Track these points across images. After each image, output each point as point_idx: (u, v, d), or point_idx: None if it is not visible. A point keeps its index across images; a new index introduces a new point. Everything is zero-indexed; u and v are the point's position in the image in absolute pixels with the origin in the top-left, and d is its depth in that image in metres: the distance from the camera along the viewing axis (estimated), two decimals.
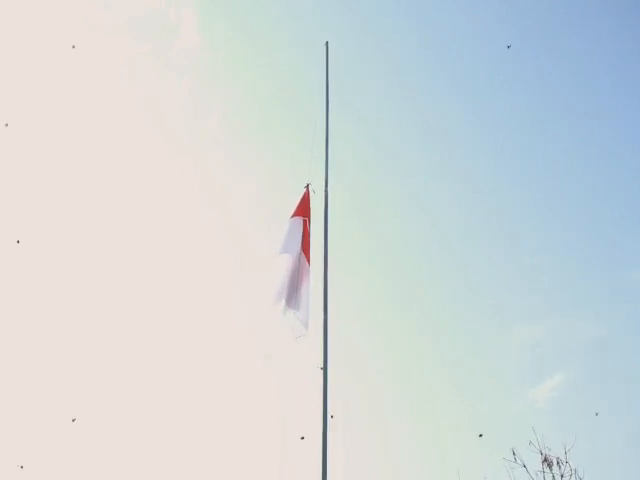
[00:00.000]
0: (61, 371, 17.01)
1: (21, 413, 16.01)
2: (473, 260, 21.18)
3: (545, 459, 9.59)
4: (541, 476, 9.54)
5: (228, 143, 21.53)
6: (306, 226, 9.87)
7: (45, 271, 19.09)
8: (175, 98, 21.73)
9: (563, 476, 9.49)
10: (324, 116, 10.51)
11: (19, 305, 18.00)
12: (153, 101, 21.95)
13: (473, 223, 22.35)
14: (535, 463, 9.67)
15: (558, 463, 9.55)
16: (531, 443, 9.60)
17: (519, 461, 9.73)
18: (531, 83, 22.44)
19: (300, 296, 9.50)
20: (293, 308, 9.42)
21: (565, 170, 22.09)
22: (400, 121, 22.34)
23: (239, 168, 21.31)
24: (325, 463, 8.93)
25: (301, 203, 10.04)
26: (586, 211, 21.89)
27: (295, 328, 9.34)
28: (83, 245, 19.80)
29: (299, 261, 9.63)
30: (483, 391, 17.17)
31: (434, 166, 22.91)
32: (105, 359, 17.36)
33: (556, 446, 9.66)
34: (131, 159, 21.31)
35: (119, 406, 16.39)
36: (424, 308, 20.25)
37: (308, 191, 10.11)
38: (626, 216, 21.06)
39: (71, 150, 20.98)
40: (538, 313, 19.39)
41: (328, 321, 9.53)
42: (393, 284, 20.67)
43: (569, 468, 9.52)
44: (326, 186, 10.20)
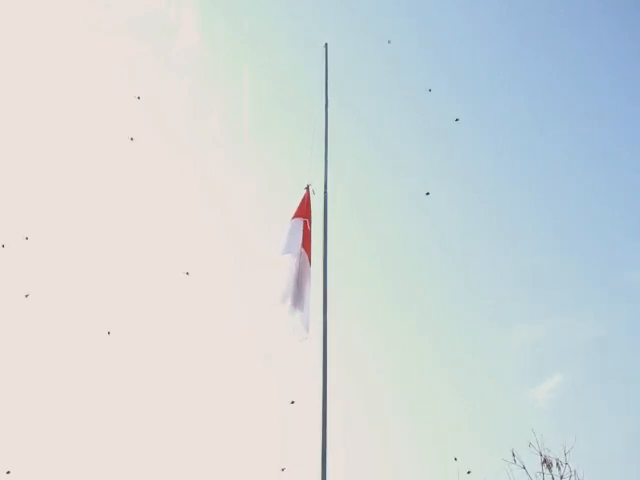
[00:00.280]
0: (61, 371, 17.02)
1: (21, 413, 16.02)
2: (473, 260, 21.19)
3: (545, 460, 9.58)
4: (541, 477, 9.53)
5: (228, 143, 21.53)
6: (306, 227, 9.88)
7: (45, 271, 19.10)
8: (175, 98, 21.73)
9: (563, 477, 9.48)
10: (324, 117, 10.51)
11: (19, 305, 18.00)
12: (153, 101, 21.94)
13: (473, 223, 22.36)
14: (535, 464, 9.67)
15: (558, 464, 9.54)
16: (531, 445, 9.60)
17: (519, 462, 9.72)
18: (531, 83, 22.45)
19: (304, 297, 9.53)
20: (299, 309, 9.46)
21: (565, 170, 22.10)
22: (400, 121, 22.33)
23: (239, 168, 21.31)
24: (325, 463, 8.93)
25: (301, 204, 10.05)
26: (586, 211, 21.91)
27: (299, 330, 9.36)
28: (83, 245, 19.80)
29: (301, 261, 9.66)
30: (483, 391, 17.17)
31: (434, 166, 22.90)
32: (105, 359, 17.36)
33: (556, 447, 9.66)
34: (131, 159, 21.31)
35: (119, 406, 16.40)
36: (424, 308, 20.26)
37: (308, 192, 10.12)
38: (626, 216, 21.08)
39: (71, 150, 20.99)
40: (538, 313, 19.41)
41: (328, 321, 9.53)
42: (393, 284, 20.67)
43: (569, 469, 9.52)
44: (325, 187, 10.21)
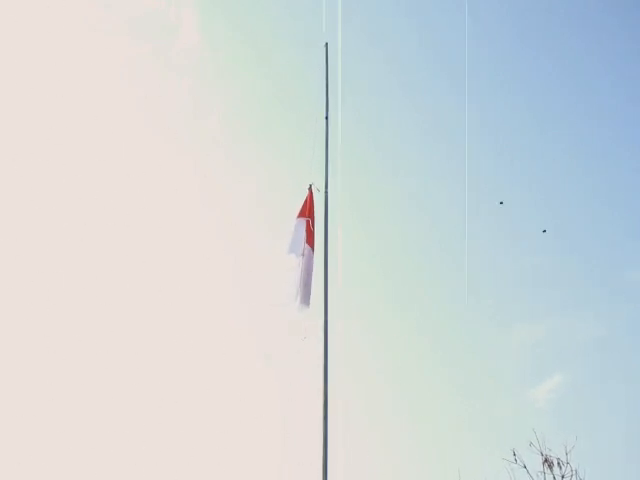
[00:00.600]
0: (61, 371, 17.01)
1: (21, 412, 16.01)
2: (473, 260, 21.15)
3: (546, 460, 9.56)
4: (542, 477, 9.52)
5: (228, 143, 21.52)
6: (309, 225, 9.95)
7: (46, 271, 19.10)
8: (175, 98, 21.72)
9: (564, 477, 9.46)
10: (324, 117, 10.51)
11: (19, 305, 18.00)
12: (153, 101, 21.94)
13: (473, 223, 22.33)
14: (536, 464, 9.65)
15: (559, 464, 9.52)
16: (532, 444, 9.58)
17: (519, 462, 9.70)
18: (531, 83, 22.43)
19: (310, 293, 9.67)
20: (306, 305, 9.58)
21: (565, 170, 22.08)
22: (400, 121, 22.34)
23: (239, 168, 21.29)
24: (325, 463, 8.92)
25: (304, 204, 10.12)
26: (586, 211, 21.89)
27: (305, 328, 9.49)
28: (83, 245, 19.80)
29: (306, 259, 9.76)
30: (483, 391, 17.15)
31: (434, 166, 22.89)
32: (105, 359, 17.36)
33: (556, 447, 9.64)
34: (131, 159, 21.31)
35: (119, 406, 16.39)
36: (424, 308, 20.24)
37: (311, 192, 10.18)
38: (626, 216, 21.06)
39: (71, 150, 20.99)
40: (538, 313, 19.38)
41: (328, 321, 9.54)
42: (393, 284, 20.66)
43: (570, 469, 9.50)
44: (326, 187, 10.22)
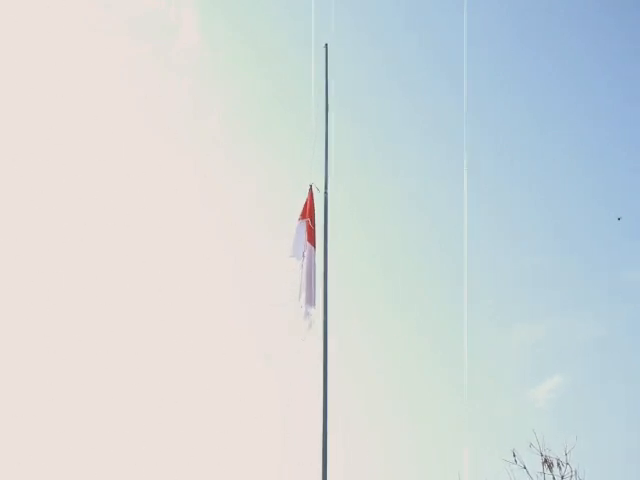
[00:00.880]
0: (61, 370, 17.02)
1: (21, 412, 16.02)
2: (473, 260, 21.16)
3: (545, 460, 9.55)
4: (542, 478, 9.51)
5: (228, 143, 21.52)
6: (309, 224, 9.99)
7: (46, 271, 19.10)
8: (175, 98, 21.72)
9: (564, 477, 9.46)
10: (324, 117, 10.52)
11: (19, 305, 18.01)
12: (153, 101, 21.94)
13: (473, 223, 22.33)
14: (535, 464, 9.65)
15: (559, 464, 9.52)
16: (531, 445, 9.57)
17: (519, 462, 9.69)
18: (531, 83, 22.42)
19: (314, 292, 9.71)
20: (311, 305, 9.63)
21: (565, 170, 22.08)
22: (400, 121, 22.33)
23: (239, 168, 21.29)
24: (325, 463, 8.93)
25: (305, 206, 10.16)
26: (586, 211, 21.88)
27: (310, 327, 9.55)
28: (83, 245, 19.80)
29: (308, 259, 9.80)
30: (483, 391, 17.15)
31: (434, 166, 22.89)
32: (106, 359, 17.36)
33: (556, 447, 9.63)
34: (131, 159, 21.32)
35: (119, 406, 16.39)
36: (424, 308, 20.24)
37: (311, 192, 10.21)
38: (625, 216, 21.04)
39: (71, 150, 20.99)
40: (538, 313, 19.39)
41: (328, 321, 9.55)
42: (393, 284, 20.66)
43: (570, 469, 9.49)
44: (326, 187, 10.23)
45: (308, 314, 9.64)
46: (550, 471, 9.54)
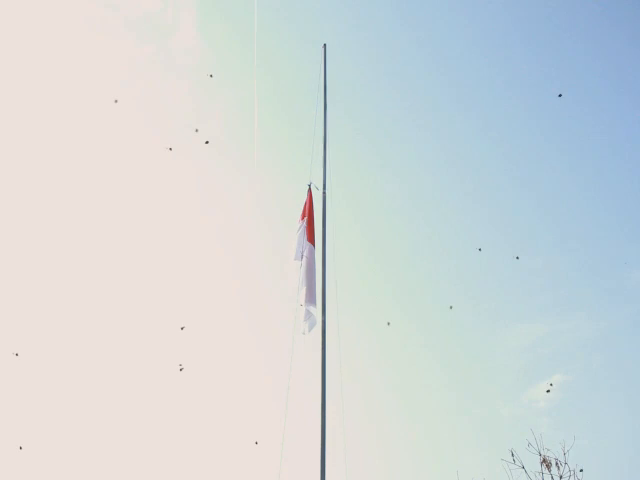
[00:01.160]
0: (61, 370, 17.03)
1: (22, 412, 16.03)
2: (473, 260, 21.20)
3: (544, 460, 9.55)
4: (540, 477, 9.51)
5: (228, 143, 21.55)
6: (309, 224, 10.02)
7: (46, 272, 19.11)
8: (175, 98, 21.75)
9: (562, 477, 9.45)
10: (322, 117, 10.52)
11: (19, 305, 18.02)
12: (153, 101, 21.97)
13: (473, 223, 22.36)
14: (534, 464, 9.64)
15: (557, 464, 9.51)
16: (530, 445, 9.56)
17: (518, 462, 9.68)
18: (531, 83, 22.45)
19: (314, 288, 9.75)
20: (312, 304, 9.65)
21: (565, 170, 22.11)
22: (398, 121, 22.37)
23: (238, 168, 21.33)
24: (323, 463, 8.94)
25: (304, 206, 10.18)
26: (585, 211, 21.92)
27: (309, 324, 9.57)
28: (82, 246, 19.81)
29: (308, 260, 9.83)
30: (483, 391, 17.18)
31: (434, 166, 22.92)
32: (106, 359, 17.38)
33: (555, 447, 9.63)
34: (131, 159, 21.34)
35: (119, 406, 16.41)
36: (424, 308, 20.28)
37: (311, 191, 10.23)
38: (625, 216, 21.08)
39: (71, 150, 21.01)
40: (538, 313, 19.42)
41: (326, 322, 9.56)
42: (392, 286, 20.71)
43: (568, 469, 9.49)
44: (324, 188, 10.24)
45: (309, 313, 9.66)
46: (549, 471, 9.53)
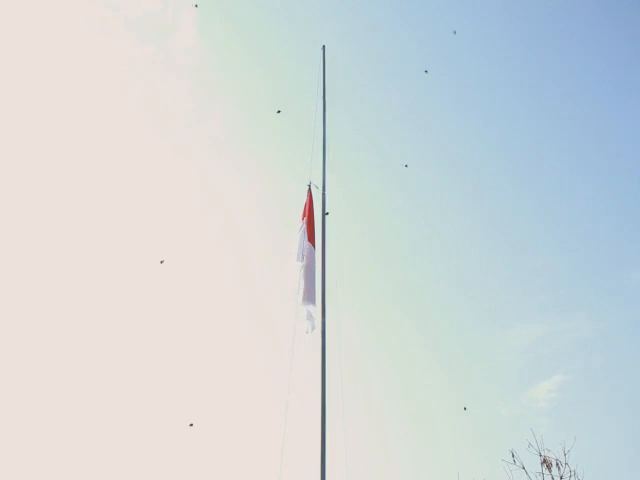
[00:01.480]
0: (61, 369, 17.04)
1: (21, 412, 16.03)
2: (473, 261, 21.20)
3: (544, 460, 9.53)
4: (540, 478, 9.49)
5: (227, 143, 21.56)
6: (309, 224, 10.02)
7: (46, 272, 19.11)
8: (175, 98, 21.75)
9: (562, 477, 9.44)
10: (321, 118, 10.53)
11: (19, 305, 18.02)
12: (153, 101, 21.98)
13: (473, 223, 22.37)
14: (534, 465, 9.62)
15: (557, 464, 9.49)
16: (530, 445, 9.55)
17: (518, 463, 9.66)
18: (531, 83, 22.45)
19: (313, 288, 9.76)
20: (311, 303, 9.66)
21: (565, 170, 22.11)
22: (398, 121, 22.36)
23: (238, 168, 21.34)
24: (323, 463, 8.93)
25: (305, 206, 10.19)
26: (585, 211, 21.92)
27: (311, 323, 9.59)
28: (82, 246, 19.81)
29: (308, 260, 9.84)
30: (483, 391, 17.18)
31: (434, 166, 22.93)
32: (106, 359, 17.39)
33: (555, 447, 9.61)
34: (131, 159, 21.35)
35: (119, 406, 16.41)
36: (424, 309, 20.28)
37: (310, 191, 10.24)
38: (625, 216, 21.08)
39: (71, 151, 21.01)
40: (537, 313, 19.43)
41: (326, 323, 9.55)
42: (392, 287, 20.71)
43: (568, 469, 9.47)
44: (324, 187, 10.23)
45: (309, 313, 9.67)
46: (549, 471, 9.51)
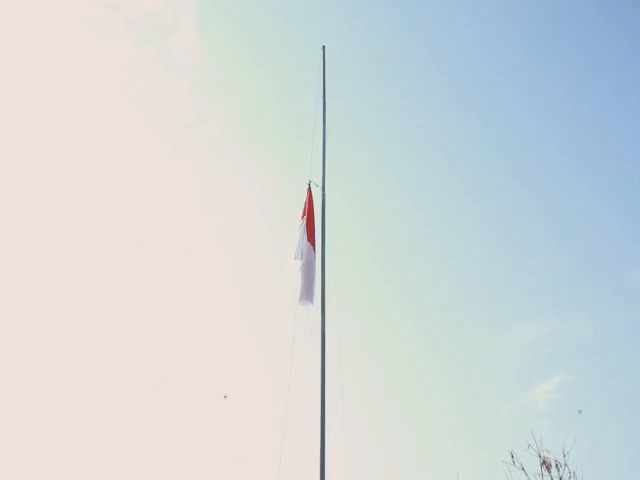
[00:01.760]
0: (61, 369, 17.04)
1: (21, 412, 16.04)
2: (473, 261, 21.20)
3: (544, 462, 9.52)
4: (540, 479, 9.48)
5: (227, 143, 21.58)
6: (309, 224, 10.02)
7: (46, 272, 19.12)
8: (175, 98, 21.77)
9: (562, 479, 9.43)
10: (321, 118, 10.53)
11: (19, 305, 18.03)
12: (153, 101, 21.99)
13: (473, 223, 22.37)
14: (534, 466, 9.62)
15: (557, 466, 9.49)
16: (530, 446, 9.54)
17: (518, 464, 9.66)
18: (531, 83, 22.45)
19: (312, 287, 9.76)
20: (309, 301, 9.67)
21: (565, 170, 22.11)
22: (398, 121, 22.37)
23: (238, 167, 21.35)
24: (323, 464, 8.93)
25: (304, 205, 10.19)
26: (585, 211, 21.91)
27: (310, 324, 9.60)
28: (83, 246, 19.82)
29: (307, 259, 9.84)
30: (483, 392, 17.17)
31: (434, 166, 22.93)
32: (106, 359, 17.39)
33: (555, 448, 9.60)
34: (131, 159, 21.36)
35: (119, 406, 16.41)
36: (423, 309, 20.28)
37: (310, 190, 10.24)
38: (625, 216, 21.07)
39: (71, 151, 21.02)
40: (537, 314, 19.43)
41: (326, 323, 9.55)
42: (392, 287, 20.73)
43: (568, 471, 9.46)
44: (323, 187, 10.23)
45: (308, 313, 9.65)
46: (548, 472, 9.51)
